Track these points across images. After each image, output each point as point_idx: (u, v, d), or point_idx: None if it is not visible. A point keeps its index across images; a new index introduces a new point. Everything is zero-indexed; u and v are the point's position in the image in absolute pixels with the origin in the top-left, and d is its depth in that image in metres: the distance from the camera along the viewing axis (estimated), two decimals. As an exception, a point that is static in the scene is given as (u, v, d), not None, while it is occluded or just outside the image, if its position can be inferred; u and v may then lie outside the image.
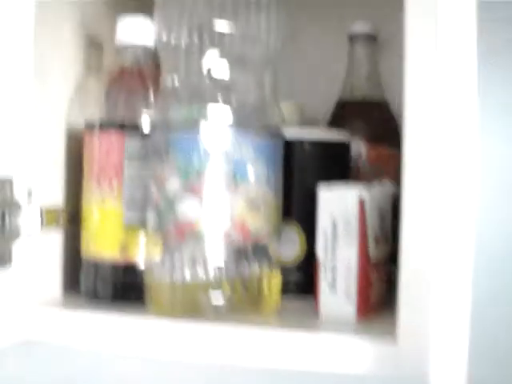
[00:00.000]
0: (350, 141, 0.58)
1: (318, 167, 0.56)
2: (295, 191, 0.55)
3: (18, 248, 0.50)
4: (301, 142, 0.55)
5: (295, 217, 0.55)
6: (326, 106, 0.69)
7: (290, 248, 0.55)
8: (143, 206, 0.52)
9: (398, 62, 0.66)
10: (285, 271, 0.54)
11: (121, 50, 0.55)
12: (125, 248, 0.52)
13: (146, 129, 0.52)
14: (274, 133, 0.52)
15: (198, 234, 0.48)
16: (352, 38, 0.68)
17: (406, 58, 0.43)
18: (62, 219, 0.54)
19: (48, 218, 0.52)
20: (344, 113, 0.68)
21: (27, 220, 0.50)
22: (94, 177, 0.53)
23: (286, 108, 0.65)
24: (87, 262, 0.54)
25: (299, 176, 0.56)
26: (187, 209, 0.48)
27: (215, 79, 0.50)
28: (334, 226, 0.50)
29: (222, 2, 0.49)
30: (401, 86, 0.64)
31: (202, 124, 0.48)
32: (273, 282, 0.51)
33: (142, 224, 0.52)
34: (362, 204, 0.49)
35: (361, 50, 0.68)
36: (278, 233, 0.52)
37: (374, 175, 0.65)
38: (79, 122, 0.56)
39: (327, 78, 0.72)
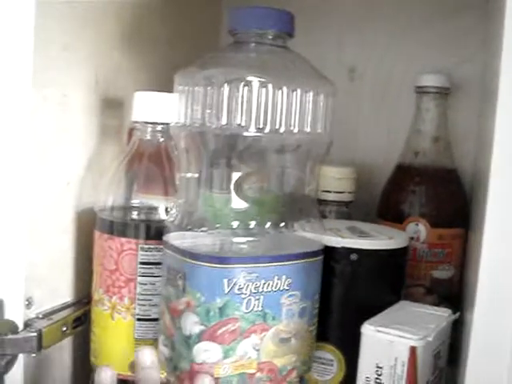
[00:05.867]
0: (407, 244, 0.48)
1: (365, 281, 0.46)
2: (336, 308, 0.47)
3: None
4: (348, 252, 0.46)
5: (334, 338, 0.47)
6: (384, 168, 0.60)
7: (327, 371, 0.47)
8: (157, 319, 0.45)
9: (471, 119, 0.59)
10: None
11: (139, 127, 0.47)
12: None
13: (164, 230, 0.44)
14: (314, 247, 0.43)
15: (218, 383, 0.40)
16: (420, 91, 0.57)
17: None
18: (69, 328, 0.48)
19: (49, 336, 0.45)
20: (404, 181, 0.57)
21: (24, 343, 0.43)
22: (103, 285, 0.46)
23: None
24: (95, 375, 0.47)
25: (342, 290, 0.47)
26: (206, 354, 0.40)
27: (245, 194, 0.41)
28: (378, 373, 0.41)
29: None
30: (477, 149, 0.55)
31: (229, 253, 0.40)
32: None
33: (156, 339, 0.45)
34: (413, 353, 0.40)
35: (430, 106, 0.57)
36: (310, 362, 0.45)
37: (433, 261, 0.56)
38: (92, 202, 0.49)
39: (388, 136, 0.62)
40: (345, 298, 0.46)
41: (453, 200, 0.56)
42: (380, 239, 0.47)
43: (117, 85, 0.52)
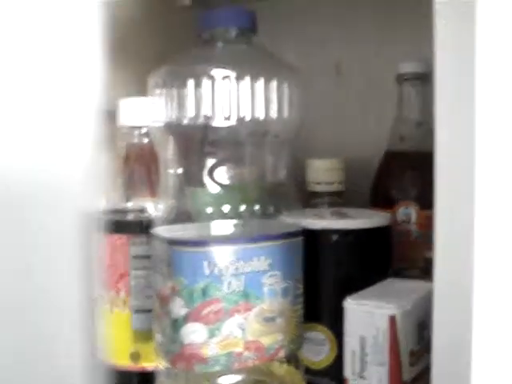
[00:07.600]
0: (389, 223, 0.50)
1: (350, 260, 0.48)
2: (324, 289, 0.48)
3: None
4: (328, 233, 0.48)
5: (325, 318, 0.48)
6: (375, 156, 0.61)
7: (320, 351, 0.49)
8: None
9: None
10: (312, 377, 0.48)
11: (125, 132, 0.50)
12: (136, 355, 0.48)
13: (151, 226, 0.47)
14: (293, 228, 0.45)
15: (207, 363, 0.42)
16: (400, 79, 0.59)
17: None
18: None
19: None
20: (392, 167, 0.59)
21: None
22: (99, 280, 0.49)
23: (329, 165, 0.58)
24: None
25: (327, 271, 0.48)
26: (193, 335, 0.42)
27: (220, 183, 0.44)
28: (363, 345, 0.43)
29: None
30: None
31: (208, 237, 0.43)
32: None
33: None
34: (392, 322, 0.42)
35: (411, 92, 0.59)
36: (298, 341, 0.46)
37: (425, 242, 0.57)
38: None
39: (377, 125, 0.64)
40: (330, 279, 0.48)
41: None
42: (358, 219, 0.48)
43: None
